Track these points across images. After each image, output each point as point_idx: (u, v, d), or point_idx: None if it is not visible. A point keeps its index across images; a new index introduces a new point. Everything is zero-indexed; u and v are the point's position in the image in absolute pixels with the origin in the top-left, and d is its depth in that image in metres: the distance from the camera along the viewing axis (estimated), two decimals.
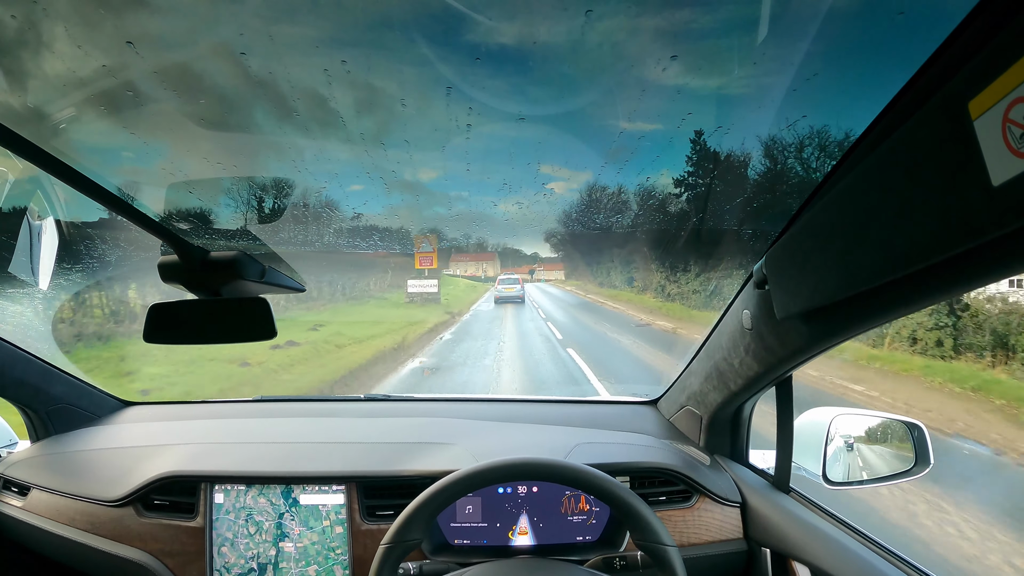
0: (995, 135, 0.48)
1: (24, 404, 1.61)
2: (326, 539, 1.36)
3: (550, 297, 18.00)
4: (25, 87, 1.33)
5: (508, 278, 16.73)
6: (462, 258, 20.32)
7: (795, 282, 0.88)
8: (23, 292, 1.99)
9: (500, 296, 15.39)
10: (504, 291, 15.54)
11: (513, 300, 15.28)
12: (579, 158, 1.65)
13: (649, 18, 1.03)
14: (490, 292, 17.01)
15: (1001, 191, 0.48)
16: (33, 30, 1.08)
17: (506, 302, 15.10)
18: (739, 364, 1.21)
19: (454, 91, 1.17)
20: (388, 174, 1.69)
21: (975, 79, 0.50)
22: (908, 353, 6.87)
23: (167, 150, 1.73)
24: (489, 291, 17.25)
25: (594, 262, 16.53)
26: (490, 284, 18.90)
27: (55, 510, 1.45)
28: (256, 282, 0.86)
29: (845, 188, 0.73)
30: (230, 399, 1.94)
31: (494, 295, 15.81)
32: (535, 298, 17.12)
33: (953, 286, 0.63)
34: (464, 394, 4.26)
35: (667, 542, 0.99)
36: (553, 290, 19.59)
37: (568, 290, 19.34)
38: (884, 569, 0.99)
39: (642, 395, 1.86)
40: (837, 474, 1.26)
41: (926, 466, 1.23)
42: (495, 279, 17.88)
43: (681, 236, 4.96)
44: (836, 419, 1.27)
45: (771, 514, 1.27)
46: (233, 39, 1.07)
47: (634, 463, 1.39)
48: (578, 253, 16.82)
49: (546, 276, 20.62)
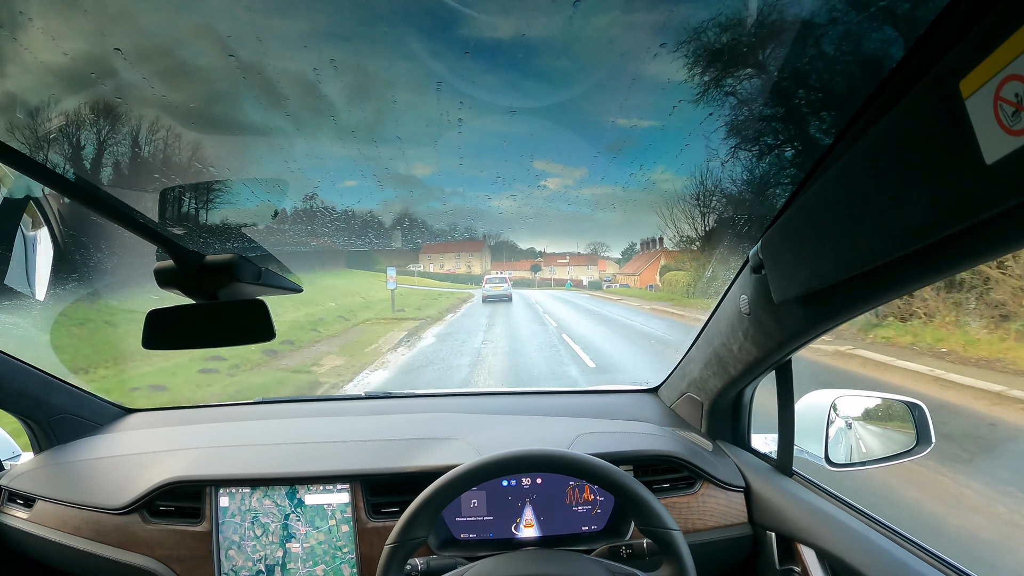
0: (987, 113, 0.48)
1: (25, 415, 1.61)
2: (332, 538, 1.36)
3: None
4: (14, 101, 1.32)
5: (495, 277, 16.94)
6: (436, 249, 18.37)
7: (791, 266, 0.89)
8: (19, 304, 1.98)
9: (488, 295, 15.64)
10: (492, 290, 15.84)
11: (501, 299, 15.55)
12: (572, 152, 1.65)
13: (640, 10, 1.03)
14: (466, 307, 15.01)
15: (994, 169, 0.48)
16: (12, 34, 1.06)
17: (494, 301, 15.29)
18: (738, 349, 1.22)
19: (444, 85, 1.17)
20: (381, 171, 1.68)
21: (965, 58, 0.50)
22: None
23: (158, 154, 1.72)
24: (460, 309, 14.87)
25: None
26: (465, 289, 17.50)
27: (60, 520, 1.45)
28: (253, 284, 0.86)
29: (839, 171, 0.73)
30: (231, 402, 1.94)
31: (482, 294, 15.86)
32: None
33: (949, 266, 0.63)
34: (465, 389, 4.26)
35: (671, 526, 1.00)
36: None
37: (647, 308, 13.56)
38: (889, 549, 1.00)
39: (642, 383, 1.87)
40: (839, 456, 1.27)
41: (928, 445, 1.24)
42: (482, 277, 17.44)
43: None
44: (837, 401, 1.28)
45: (775, 498, 1.28)
46: (222, 34, 1.06)
47: (637, 451, 1.40)
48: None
49: (576, 276, 18.15)
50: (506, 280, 16.52)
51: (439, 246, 18.31)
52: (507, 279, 16.71)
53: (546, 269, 19.64)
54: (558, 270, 19.55)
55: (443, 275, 19.94)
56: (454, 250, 19.12)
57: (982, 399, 4.85)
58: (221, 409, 1.90)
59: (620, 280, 18.12)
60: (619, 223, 16.05)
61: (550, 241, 18.38)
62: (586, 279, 19.27)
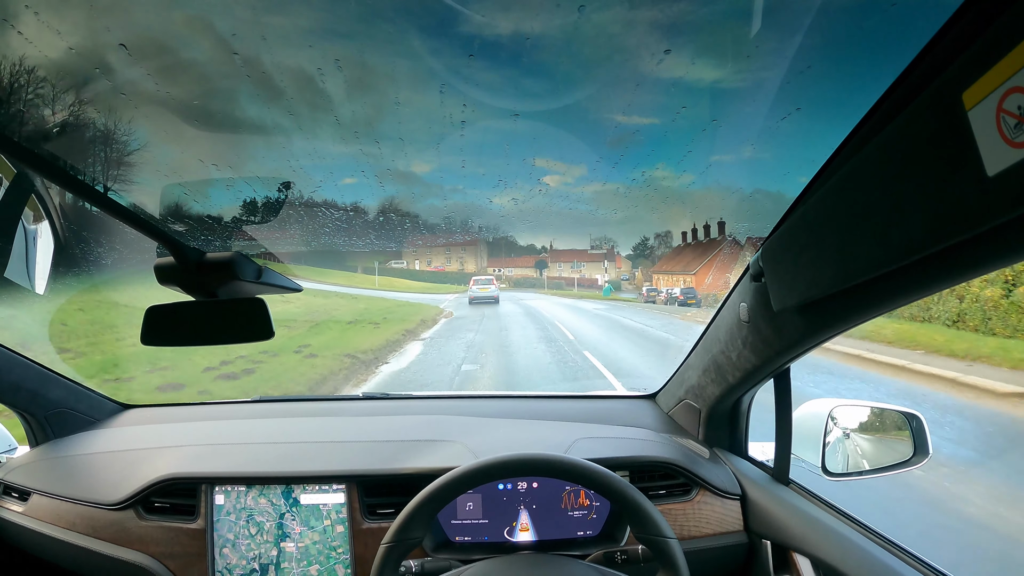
0: (989, 125, 0.48)
1: (22, 409, 1.61)
2: (327, 538, 1.36)
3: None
4: (21, 91, 1.33)
5: (482, 279, 16.66)
6: (425, 243, 15.36)
7: (791, 275, 0.88)
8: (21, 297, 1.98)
9: (475, 297, 15.43)
10: (479, 291, 15.64)
11: (487, 300, 15.30)
12: (574, 152, 1.65)
13: (644, 10, 1.03)
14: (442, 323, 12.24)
15: (996, 181, 0.48)
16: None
17: (481, 303, 15.03)
18: (737, 357, 1.21)
19: (448, 87, 1.17)
20: (383, 171, 1.69)
21: (969, 70, 0.50)
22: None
23: (159, 151, 1.72)
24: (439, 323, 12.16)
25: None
26: (450, 290, 16.65)
27: (55, 515, 1.45)
28: (253, 282, 0.86)
29: (840, 180, 0.73)
30: (228, 400, 1.94)
31: (469, 296, 15.62)
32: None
33: (949, 277, 0.63)
34: (463, 391, 4.24)
35: (667, 534, 0.99)
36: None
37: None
38: (884, 559, 1.00)
39: (640, 389, 1.87)
40: (836, 465, 1.27)
41: (924, 456, 1.24)
42: (476, 275, 16.86)
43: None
44: (834, 410, 1.28)
45: (771, 506, 1.28)
46: (224, 31, 1.06)
47: (633, 457, 1.40)
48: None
49: (590, 275, 15.17)
50: (492, 282, 16.41)
51: (428, 238, 17.24)
52: (493, 280, 16.59)
53: (553, 266, 18.00)
54: (565, 267, 17.98)
55: (429, 274, 18.35)
56: (446, 245, 17.77)
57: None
58: (218, 407, 1.89)
59: (657, 281, 14.51)
60: (622, 219, 15.30)
61: (552, 236, 17.32)
62: (601, 278, 17.51)
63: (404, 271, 18.46)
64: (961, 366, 7.02)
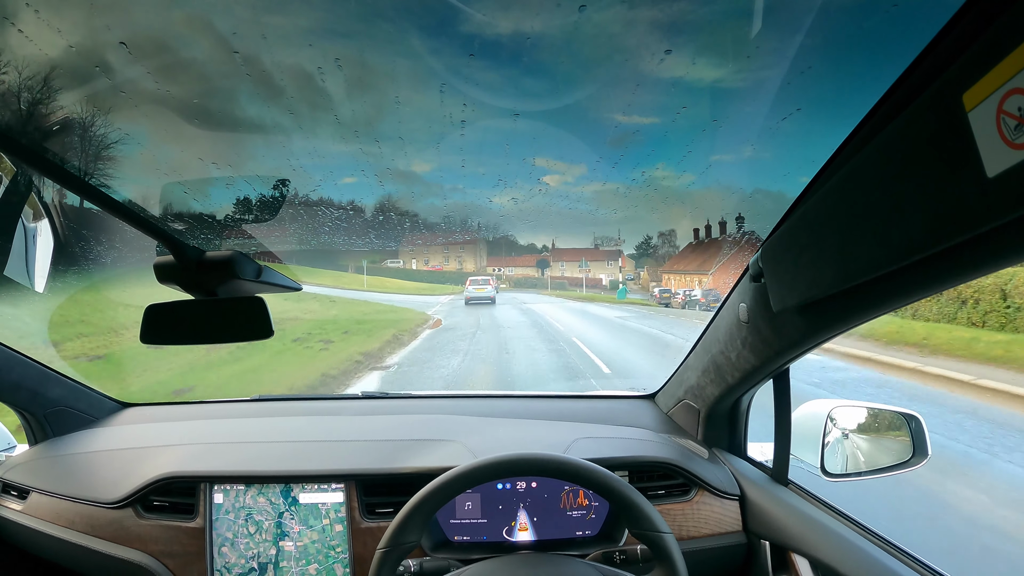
0: (989, 127, 0.48)
1: (21, 407, 1.61)
2: (326, 537, 1.36)
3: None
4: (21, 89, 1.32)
5: (479, 279, 16.44)
6: (423, 242, 15.22)
7: (791, 275, 0.88)
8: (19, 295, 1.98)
9: (472, 297, 15.29)
10: (475, 292, 15.50)
11: (484, 300, 15.18)
12: (574, 152, 1.65)
13: (644, 10, 1.03)
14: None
15: (996, 182, 0.48)
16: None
17: (477, 303, 14.87)
18: (736, 357, 1.21)
19: (448, 86, 1.17)
20: (382, 170, 1.69)
21: (969, 71, 0.50)
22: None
23: (159, 149, 1.72)
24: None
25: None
26: (446, 290, 16.30)
27: (55, 513, 1.45)
28: (252, 281, 0.86)
29: (840, 181, 0.73)
30: (227, 399, 1.94)
31: (465, 296, 15.47)
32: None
33: (948, 278, 0.63)
34: (462, 391, 4.23)
35: (663, 529, 1.00)
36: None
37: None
38: (883, 560, 1.00)
39: (640, 389, 1.87)
40: (835, 466, 1.27)
41: (924, 457, 1.24)
42: (475, 275, 16.53)
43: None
44: (833, 411, 1.28)
45: (770, 507, 1.28)
46: (224, 30, 1.06)
47: (632, 457, 1.40)
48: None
49: (594, 274, 13.47)
50: (489, 282, 16.26)
51: (427, 237, 16.78)
52: (490, 281, 16.43)
53: (555, 266, 17.43)
54: (568, 267, 17.35)
55: (426, 273, 17.85)
56: (445, 244, 17.15)
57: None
58: (217, 405, 1.89)
59: (668, 281, 13.09)
60: (623, 219, 14.59)
61: (553, 236, 17.10)
62: (606, 278, 16.94)
63: (400, 271, 17.84)
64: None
